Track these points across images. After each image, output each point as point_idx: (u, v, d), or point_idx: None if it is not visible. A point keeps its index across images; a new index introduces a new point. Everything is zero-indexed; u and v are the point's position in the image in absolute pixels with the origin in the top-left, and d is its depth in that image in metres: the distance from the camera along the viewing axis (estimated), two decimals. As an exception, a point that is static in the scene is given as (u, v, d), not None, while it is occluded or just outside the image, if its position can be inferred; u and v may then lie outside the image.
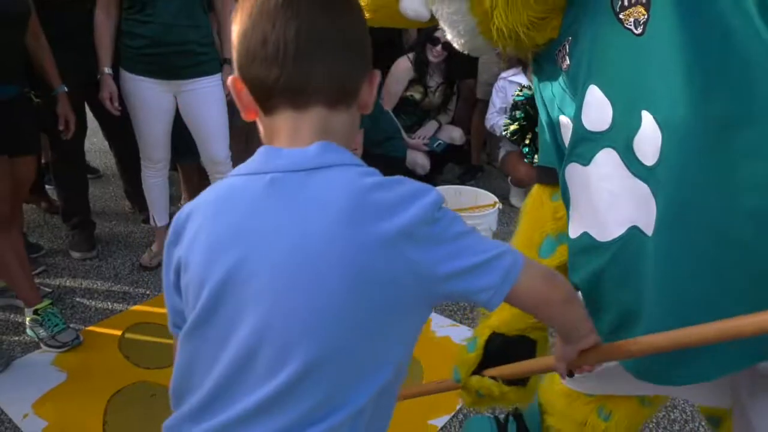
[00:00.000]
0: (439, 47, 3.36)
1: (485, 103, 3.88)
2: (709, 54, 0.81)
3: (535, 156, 2.97)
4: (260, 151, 0.75)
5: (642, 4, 0.87)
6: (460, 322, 2.47)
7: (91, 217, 3.11)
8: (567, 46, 1.03)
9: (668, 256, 0.90)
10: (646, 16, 0.87)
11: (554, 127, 1.13)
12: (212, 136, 2.69)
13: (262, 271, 0.70)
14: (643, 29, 0.88)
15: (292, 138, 0.74)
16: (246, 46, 0.73)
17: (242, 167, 0.76)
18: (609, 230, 1.00)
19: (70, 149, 2.80)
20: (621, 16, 0.91)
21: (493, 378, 1.22)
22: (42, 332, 2.27)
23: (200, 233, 0.74)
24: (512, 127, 3.26)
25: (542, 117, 1.20)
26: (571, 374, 1.03)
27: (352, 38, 0.76)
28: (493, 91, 3.58)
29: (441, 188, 2.91)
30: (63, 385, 2.10)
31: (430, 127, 3.64)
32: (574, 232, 1.11)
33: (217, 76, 2.65)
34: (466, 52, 1.14)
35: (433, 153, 3.55)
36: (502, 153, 3.80)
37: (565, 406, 1.51)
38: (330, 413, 0.72)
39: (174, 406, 0.82)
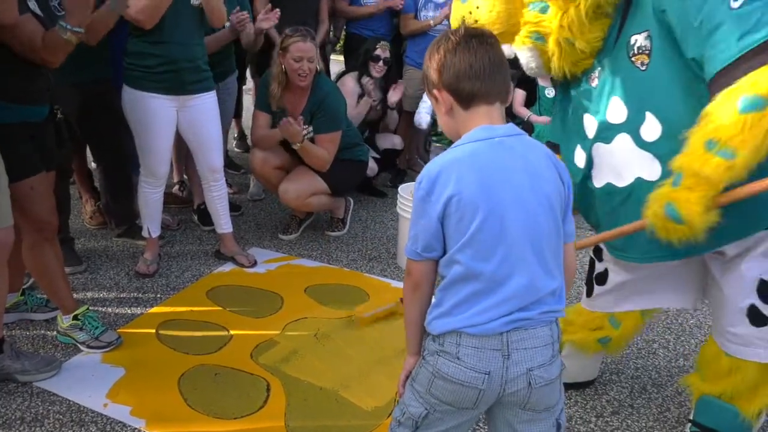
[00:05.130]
0: (380, 63, 3.86)
1: (410, 114, 4.47)
2: (685, 79, 1.55)
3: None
4: (480, 128, 1.24)
5: (645, 54, 1.63)
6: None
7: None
8: (597, 72, 1.78)
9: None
10: (648, 60, 1.62)
11: (577, 120, 1.86)
12: (212, 146, 2.94)
13: (511, 187, 1.20)
14: (646, 67, 1.63)
15: (489, 120, 1.25)
16: (455, 70, 1.22)
17: (468, 138, 1.24)
18: (624, 180, 1.72)
19: (63, 166, 2.86)
20: (633, 59, 1.67)
21: None
22: (82, 336, 2.38)
23: (466, 175, 1.19)
24: None
25: (566, 113, 1.92)
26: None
27: (505, 63, 1.28)
28: (425, 96, 4.16)
29: (406, 185, 3.37)
30: (126, 377, 2.25)
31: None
32: (599, 183, 1.80)
33: (214, 92, 2.91)
34: (532, 76, 1.89)
35: (378, 157, 4.04)
36: (432, 157, 4.41)
37: (585, 316, 2.09)
38: (552, 279, 1.24)
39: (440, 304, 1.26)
